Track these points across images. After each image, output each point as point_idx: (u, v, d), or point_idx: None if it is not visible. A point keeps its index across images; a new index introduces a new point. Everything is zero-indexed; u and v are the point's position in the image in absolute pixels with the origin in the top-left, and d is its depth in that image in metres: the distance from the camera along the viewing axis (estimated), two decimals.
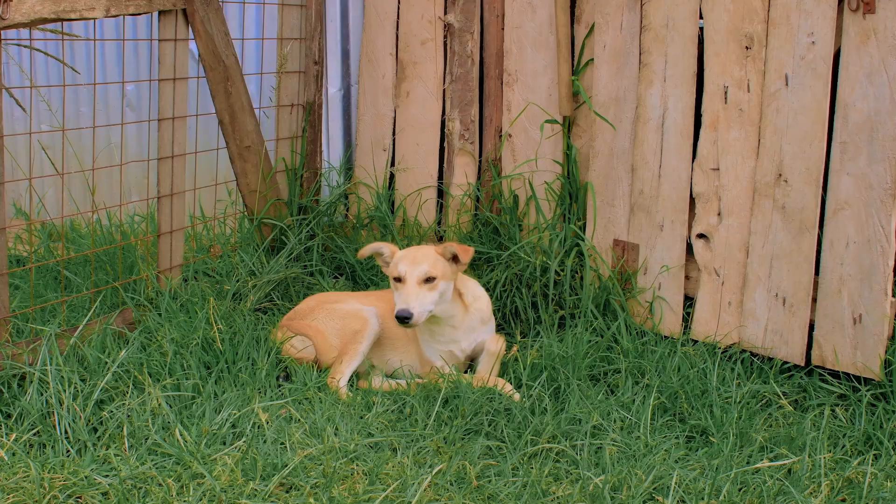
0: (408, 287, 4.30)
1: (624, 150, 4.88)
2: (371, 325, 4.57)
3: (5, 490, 3.38)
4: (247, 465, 3.54)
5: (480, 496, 3.46)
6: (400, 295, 4.31)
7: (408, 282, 4.31)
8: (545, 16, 5.19)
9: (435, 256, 4.41)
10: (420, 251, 4.46)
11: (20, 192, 7.34)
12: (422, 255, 4.41)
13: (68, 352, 4.15)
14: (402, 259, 4.40)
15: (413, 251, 4.47)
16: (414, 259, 4.38)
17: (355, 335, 4.52)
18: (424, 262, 4.36)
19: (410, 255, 4.42)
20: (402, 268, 4.35)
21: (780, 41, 4.33)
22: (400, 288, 4.33)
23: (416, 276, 4.32)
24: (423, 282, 4.31)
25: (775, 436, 3.93)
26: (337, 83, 6.02)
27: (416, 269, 4.33)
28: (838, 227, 4.26)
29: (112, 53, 6.91)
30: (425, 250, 4.46)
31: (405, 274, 4.33)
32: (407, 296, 4.28)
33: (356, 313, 4.62)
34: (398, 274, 4.35)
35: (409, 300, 4.26)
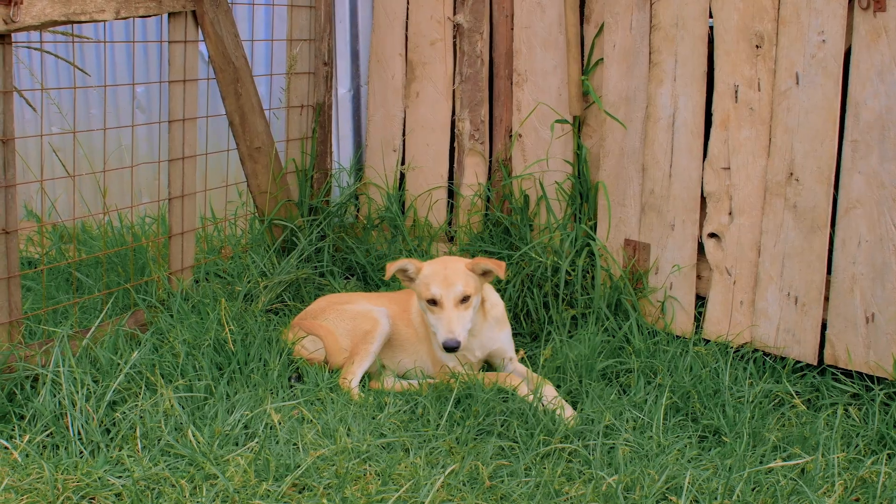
0: (447, 312, 4.17)
1: (634, 150, 4.87)
2: (382, 325, 4.53)
3: (19, 491, 3.39)
4: (259, 466, 3.54)
5: (493, 496, 3.46)
6: (440, 321, 4.17)
7: (446, 306, 4.17)
8: (555, 15, 5.19)
9: (465, 273, 4.26)
10: (449, 268, 4.28)
11: (31, 194, 7.36)
12: (453, 272, 4.25)
13: (81, 353, 4.16)
14: (434, 279, 4.23)
15: (441, 268, 4.28)
16: (446, 279, 4.21)
17: (366, 336, 4.49)
18: (458, 281, 4.20)
19: (441, 273, 4.25)
20: (435, 290, 4.20)
21: (790, 40, 4.32)
22: (436, 312, 4.19)
23: (453, 299, 4.18)
24: (459, 302, 4.19)
25: (788, 435, 3.92)
26: (346, 84, 6.03)
27: (451, 291, 4.18)
28: (850, 226, 4.25)
29: (122, 55, 6.93)
30: (454, 266, 4.30)
31: (441, 297, 4.18)
32: (449, 322, 4.14)
33: (367, 314, 4.59)
34: (431, 296, 4.19)
35: (453, 327, 4.13)
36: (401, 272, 4.36)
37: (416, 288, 4.31)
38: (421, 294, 4.26)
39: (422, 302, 4.28)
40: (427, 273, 4.28)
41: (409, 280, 4.36)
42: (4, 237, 4.13)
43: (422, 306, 4.30)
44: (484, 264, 4.28)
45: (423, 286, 4.25)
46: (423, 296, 4.23)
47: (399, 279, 4.40)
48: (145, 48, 6.81)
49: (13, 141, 4.12)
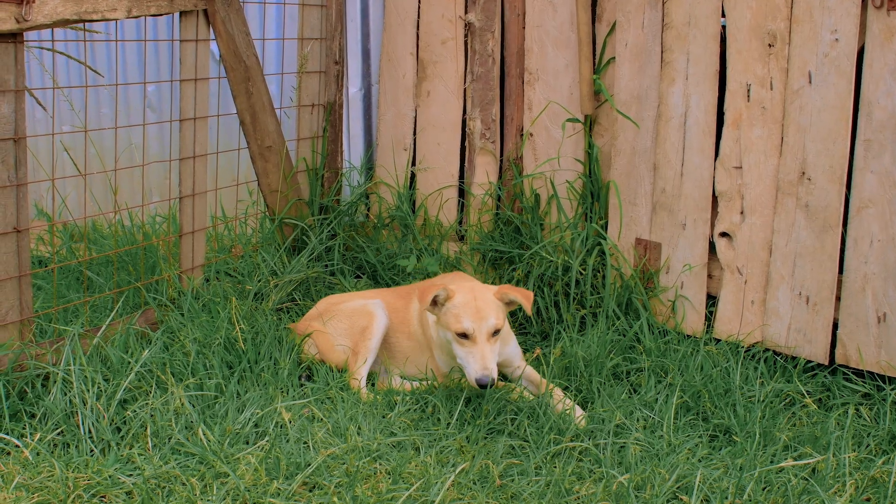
0: (481, 347, 4.02)
1: (646, 149, 4.86)
2: (377, 318, 4.49)
3: (30, 489, 3.39)
4: (270, 465, 3.54)
5: (504, 495, 3.45)
6: (472, 355, 4.01)
7: (479, 341, 4.02)
8: (566, 14, 5.18)
9: (496, 304, 4.12)
10: (479, 298, 4.11)
11: (41, 193, 7.38)
12: (485, 304, 4.08)
13: (91, 352, 4.17)
14: (465, 311, 4.06)
15: (472, 298, 4.11)
16: (478, 312, 4.05)
17: (364, 332, 4.46)
18: (490, 314, 4.06)
19: (473, 305, 4.08)
20: (468, 324, 4.03)
21: (803, 38, 4.31)
22: (467, 345, 4.04)
23: (486, 333, 4.03)
24: (491, 336, 4.05)
25: (799, 435, 3.91)
26: (357, 83, 6.03)
27: (484, 325, 4.03)
28: (862, 226, 4.23)
29: (133, 54, 6.94)
30: (484, 296, 4.14)
31: (474, 332, 4.02)
32: (483, 358, 3.99)
33: (361, 309, 4.55)
34: (463, 330, 4.03)
35: (487, 364, 3.98)
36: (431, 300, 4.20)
37: (444, 317, 4.14)
38: (449, 325, 4.08)
39: (447, 332, 4.12)
40: (458, 303, 4.11)
41: (435, 305, 4.20)
42: (16, 235, 4.14)
43: (447, 336, 4.14)
44: (512, 294, 4.16)
45: (452, 318, 4.08)
46: (453, 328, 4.06)
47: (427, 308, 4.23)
48: (156, 47, 6.82)
49: (25, 139, 4.13)
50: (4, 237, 4.11)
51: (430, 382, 4.39)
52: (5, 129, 4.05)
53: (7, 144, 4.06)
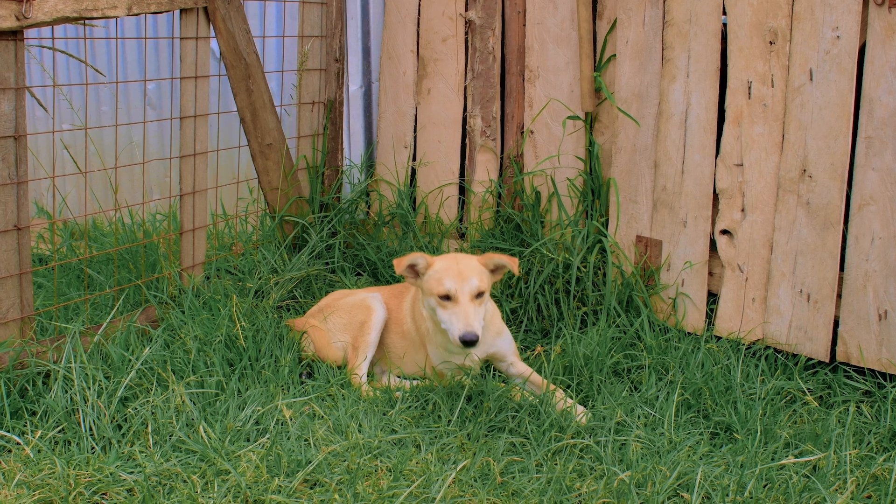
0: (463, 306, 3.99)
1: (646, 146, 4.86)
2: (376, 312, 4.47)
3: (31, 486, 3.39)
4: (271, 462, 3.54)
5: (504, 492, 3.45)
6: (455, 315, 3.99)
7: (461, 300, 4.00)
8: (567, 12, 5.18)
9: (480, 268, 4.11)
10: (463, 262, 4.12)
11: (41, 191, 7.37)
12: (467, 267, 4.09)
13: (92, 349, 4.17)
14: (447, 273, 4.06)
15: (454, 262, 4.12)
16: (461, 273, 4.05)
17: (362, 327, 4.44)
18: (473, 275, 4.05)
19: (455, 268, 4.08)
20: (449, 284, 4.02)
21: (804, 36, 4.30)
22: (450, 307, 4.01)
23: (469, 293, 4.01)
24: (474, 297, 4.02)
25: (800, 432, 3.91)
26: (358, 80, 6.03)
27: (466, 285, 4.01)
28: (863, 223, 4.23)
29: (133, 52, 6.93)
30: (467, 261, 4.14)
31: (456, 291, 4.01)
32: (466, 315, 3.96)
33: (360, 303, 4.54)
34: (445, 291, 4.01)
35: (470, 321, 3.95)
36: (409, 268, 4.20)
37: (426, 283, 4.12)
38: (431, 289, 4.08)
39: (431, 298, 4.10)
40: (439, 268, 4.11)
41: (416, 276, 4.20)
42: (16, 233, 4.14)
43: (430, 303, 4.12)
44: (497, 259, 4.17)
45: (434, 281, 4.07)
46: (435, 291, 4.05)
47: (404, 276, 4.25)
48: (156, 45, 6.82)
49: (25, 137, 4.12)
50: (5, 235, 4.10)
51: (428, 381, 4.38)
52: (6, 127, 4.04)
53: (7, 142, 4.06)
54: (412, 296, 4.52)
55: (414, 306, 4.45)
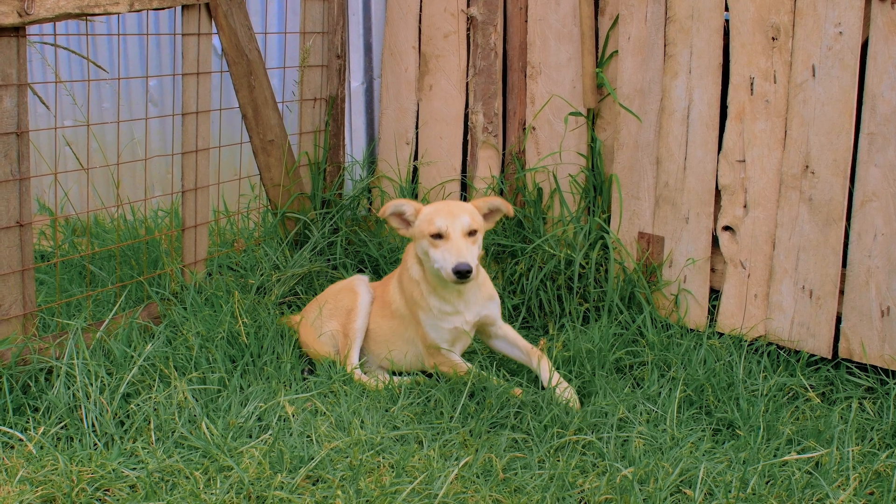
0: (454, 240, 4.00)
1: (649, 143, 4.86)
2: (361, 296, 4.47)
3: (34, 483, 3.39)
4: (274, 458, 3.54)
5: (507, 489, 3.45)
6: (447, 250, 4.01)
7: (453, 235, 4.01)
8: (569, 7, 5.17)
9: (472, 209, 4.14)
10: (453, 204, 4.16)
11: (43, 188, 7.37)
12: (458, 207, 4.12)
13: (94, 346, 4.17)
14: (438, 213, 4.09)
15: (444, 204, 4.16)
16: (451, 212, 4.08)
17: (349, 314, 4.44)
18: (464, 213, 4.08)
19: (445, 208, 4.12)
20: (440, 222, 4.04)
21: (806, 32, 4.30)
22: (442, 244, 4.04)
23: (460, 229, 4.02)
24: (466, 235, 4.03)
25: (803, 429, 3.91)
26: (359, 77, 6.02)
27: (457, 222, 4.04)
28: (866, 219, 4.23)
29: (134, 48, 6.93)
30: (459, 203, 4.18)
31: (447, 228, 4.03)
32: (458, 248, 3.98)
33: (345, 287, 4.54)
34: (436, 230, 4.04)
35: (462, 252, 3.96)
36: (396, 216, 4.20)
37: (417, 228, 4.14)
38: (423, 231, 4.09)
39: (423, 241, 4.11)
40: (429, 210, 4.14)
41: (406, 225, 4.20)
42: (19, 230, 4.14)
43: (423, 246, 4.12)
44: (492, 201, 4.20)
45: (425, 223, 4.09)
46: (426, 231, 4.07)
47: (394, 227, 4.24)
48: (158, 41, 6.81)
49: (27, 134, 4.12)
50: (7, 231, 4.10)
51: (415, 376, 4.37)
52: (8, 124, 4.04)
53: (10, 138, 4.06)
54: (399, 272, 4.48)
55: (402, 276, 4.40)
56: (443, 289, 4.24)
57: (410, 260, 4.35)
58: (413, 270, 4.32)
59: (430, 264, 4.14)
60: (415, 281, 4.31)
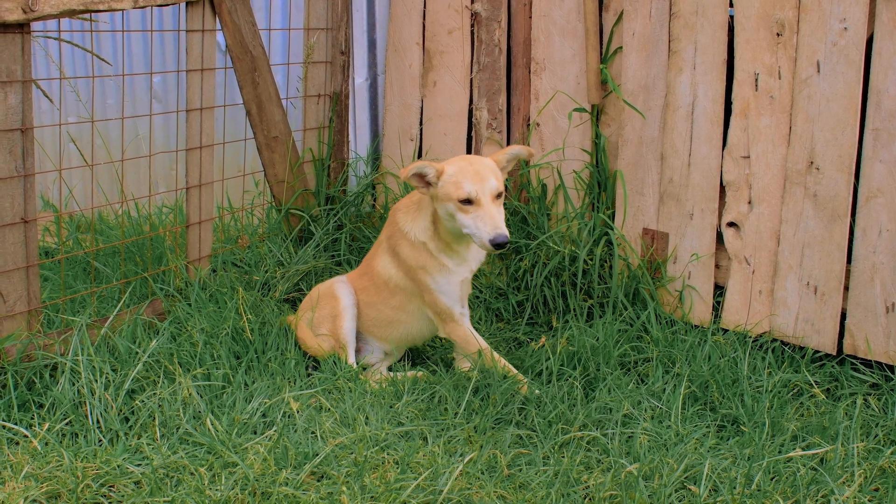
0: (487, 208, 3.90)
1: (653, 139, 4.85)
2: (342, 301, 4.43)
3: (39, 479, 3.40)
4: (278, 454, 3.55)
5: (512, 485, 3.45)
6: (480, 219, 3.92)
7: (483, 202, 3.91)
8: (573, 3, 5.16)
9: (495, 167, 4.03)
10: (477, 163, 4.02)
11: (47, 184, 7.38)
12: (483, 167, 3.99)
13: (99, 342, 4.17)
14: (465, 175, 3.95)
15: (468, 164, 4.01)
16: (478, 174, 3.95)
17: (335, 320, 4.42)
18: (491, 175, 3.96)
19: (471, 168, 3.97)
20: (469, 187, 3.92)
21: (811, 27, 4.29)
22: (472, 210, 3.93)
23: (490, 194, 3.93)
24: (495, 198, 3.95)
25: (807, 425, 3.91)
26: (363, 73, 6.02)
27: (486, 186, 3.93)
28: (871, 215, 4.22)
29: (138, 45, 6.93)
30: (482, 161, 4.05)
31: (477, 193, 3.92)
32: (493, 217, 3.89)
33: (327, 292, 4.49)
34: (465, 195, 3.92)
35: (498, 223, 3.88)
36: (417, 177, 4.07)
37: (441, 190, 4.01)
38: (449, 194, 3.97)
39: (449, 204, 3.99)
40: (453, 171, 3.99)
41: (427, 186, 4.07)
42: (23, 226, 4.14)
43: (449, 209, 4.01)
44: (510, 151, 4.13)
45: (451, 185, 3.96)
46: (454, 195, 3.95)
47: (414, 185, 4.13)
48: (162, 37, 6.82)
49: (32, 130, 4.12)
50: (12, 228, 4.11)
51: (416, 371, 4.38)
52: (13, 120, 4.04)
53: (14, 135, 4.06)
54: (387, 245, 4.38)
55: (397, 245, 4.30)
56: (456, 243, 4.18)
57: (409, 224, 4.26)
58: (414, 234, 4.23)
59: (456, 226, 4.04)
60: (418, 244, 4.23)
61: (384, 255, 4.41)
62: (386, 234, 4.41)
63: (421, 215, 4.26)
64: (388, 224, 4.43)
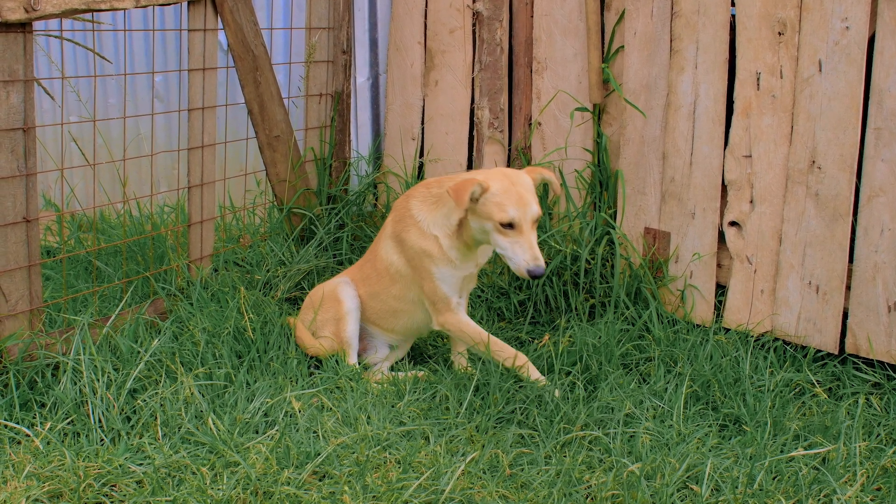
0: (527, 235, 3.86)
1: (655, 138, 4.85)
2: (345, 304, 4.40)
3: (41, 478, 3.40)
4: (280, 454, 3.55)
5: (514, 484, 3.45)
6: (519, 245, 3.87)
7: (524, 229, 3.87)
8: (575, 3, 5.16)
9: (533, 189, 3.97)
10: (519, 184, 3.94)
11: (49, 183, 7.38)
12: (525, 190, 3.92)
13: (101, 341, 4.17)
14: (509, 198, 3.88)
15: (510, 184, 3.92)
16: (521, 198, 3.88)
17: (338, 324, 4.40)
18: (533, 200, 3.91)
19: (514, 190, 3.90)
20: (513, 212, 3.85)
21: (813, 26, 4.29)
22: (512, 235, 3.87)
23: (531, 220, 3.88)
24: (534, 223, 3.91)
25: (809, 424, 3.90)
26: (365, 72, 6.02)
27: (529, 212, 3.87)
28: (873, 214, 4.22)
29: (140, 44, 6.93)
30: (522, 181, 3.97)
31: (519, 220, 3.86)
32: (532, 247, 3.85)
33: (330, 295, 4.45)
34: (509, 219, 3.85)
35: (536, 253, 3.85)
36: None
37: (483, 207, 3.93)
38: (491, 215, 3.89)
39: (487, 223, 3.94)
40: (497, 191, 3.90)
41: (472, 202, 3.95)
42: (25, 225, 4.14)
43: (486, 227, 3.95)
44: (546, 174, 4.12)
45: (494, 206, 3.89)
46: (496, 217, 3.88)
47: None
48: (163, 37, 6.81)
49: (34, 129, 4.13)
50: (14, 227, 4.11)
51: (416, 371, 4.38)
52: (15, 119, 4.04)
53: (17, 134, 4.06)
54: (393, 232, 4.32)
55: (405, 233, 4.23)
56: (474, 248, 4.16)
57: (423, 215, 4.18)
58: (427, 225, 4.16)
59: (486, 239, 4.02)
60: (431, 236, 4.16)
61: (388, 241, 4.35)
62: (394, 219, 4.34)
63: (439, 211, 4.17)
64: (397, 209, 4.34)
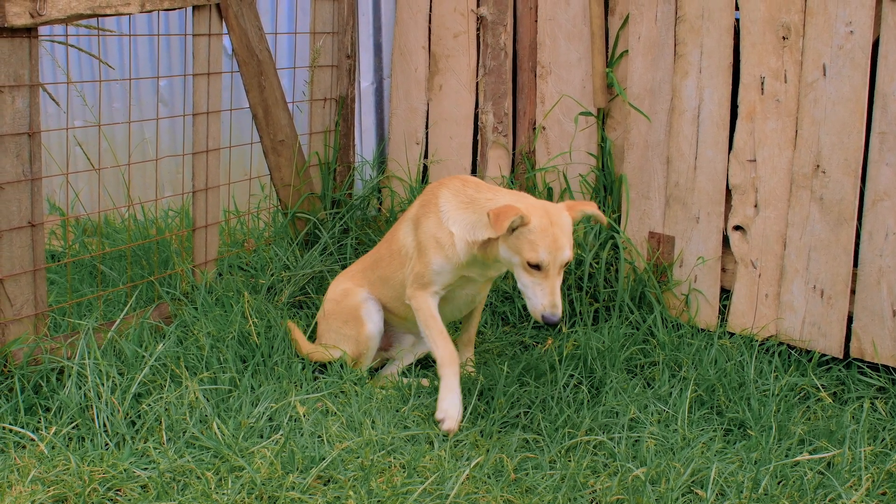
0: (551, 280, 3.69)
1: (659, 142, 4.85)
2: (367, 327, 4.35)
3: (46, 482, 3.40)
4: (285, 458, 3.55)
5: (518, 489, 3.45)
6: (542, 288, 3.70)
7: (551, 274, 3.69)
8: (579, 7, 5.17)
9: (570, 228, 3.77)
10: (557, 225, 3.72)
11: (53, 188, 7.39)
12: (562, 233, 3.71)
13: (106, 346, 4.18)
14: (544, 240, 3.67)
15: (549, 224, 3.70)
16: (555, 242, 3.67)
17: (357, 345, 4.35)
18: (567, 244, 3.70)
19: (551, 233, 3.68)
20: (544, 256, 3.65)
21: (817, 31, 4.29)
22: (537, 276, 3.70)
23: (559, 265, 3.70)
24: (562, 268, 3.73)
25: (814, 429, 3.90)
26: (369, 77, 6.02)
27: (559, 257, 3.68)
28: (877, 219, 4.22)
29: (145, 49, 6.94)
30: (562, 221, 3.75)
31: (548, 264, 3.67)
32: (553, 293, 3.69)
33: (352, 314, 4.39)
34: (537, 261, 3.66)
35: (556, 300, 3.69)
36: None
37: (515, 241, 3.73)
38: (521, 251, 3.70)
39: (515, 257, 3.75)
40: (534, 228, 3.69)
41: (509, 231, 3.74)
42: (30, 230, 4.15)
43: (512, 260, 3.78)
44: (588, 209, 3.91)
45: (527, 244, 3.69)
46: (526, 256, 3.69)
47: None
48: (168, 42, 6.83)
49: (39, 134, 4.13)
50: (19, 232, 4.11)
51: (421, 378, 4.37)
52: (20, 124, 4.05)
53: (22, 139, 4.07)
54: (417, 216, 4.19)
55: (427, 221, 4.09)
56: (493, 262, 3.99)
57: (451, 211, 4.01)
58: (449, 222, 4.00)
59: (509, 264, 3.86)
60: (447, 231, 4.02)
61: (408, 223, 4.25)
62: (420, 202, 4.20)
63: (467, 214, 3.99)
64: (426, 193, 4.19)
